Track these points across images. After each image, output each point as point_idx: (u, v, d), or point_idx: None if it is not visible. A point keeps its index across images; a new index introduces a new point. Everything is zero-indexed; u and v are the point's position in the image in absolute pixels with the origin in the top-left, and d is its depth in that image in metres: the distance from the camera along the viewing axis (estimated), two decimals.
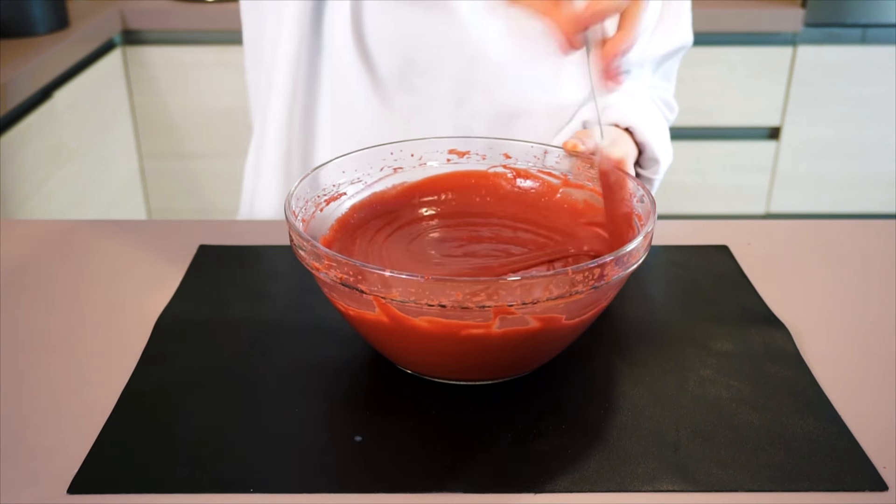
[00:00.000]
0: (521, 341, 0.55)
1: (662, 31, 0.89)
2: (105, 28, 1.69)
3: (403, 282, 0.51)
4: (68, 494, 0.51)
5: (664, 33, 0.89)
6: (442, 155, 0.72)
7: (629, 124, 0.80)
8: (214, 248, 0.79)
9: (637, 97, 0.88)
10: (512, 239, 0.69)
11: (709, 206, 2.00)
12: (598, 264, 0.53)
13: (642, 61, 0.90)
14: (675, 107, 0.97)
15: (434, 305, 0.51)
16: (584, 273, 0.52)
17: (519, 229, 0.70)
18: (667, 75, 0.96)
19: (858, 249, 0.81)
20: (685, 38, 0.91)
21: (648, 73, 0.93)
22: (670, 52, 0.91)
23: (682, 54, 0.95)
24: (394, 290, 0.51)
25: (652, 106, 0.89)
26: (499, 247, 0.68)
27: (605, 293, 0.56)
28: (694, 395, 0.60)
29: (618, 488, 0.52)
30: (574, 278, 0.52)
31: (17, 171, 1.35)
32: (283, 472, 0.53)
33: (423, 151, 0.71)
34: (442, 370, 0.59)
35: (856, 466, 0.53)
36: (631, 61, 0.90)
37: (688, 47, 0.93)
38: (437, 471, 0.53)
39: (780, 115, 1.92)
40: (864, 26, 1.85)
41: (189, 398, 0.59)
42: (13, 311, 0.70)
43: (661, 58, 0.92)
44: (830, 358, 0.64)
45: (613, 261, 0.54)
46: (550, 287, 0.52)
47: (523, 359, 0.59)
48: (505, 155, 0.72)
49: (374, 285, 0.52)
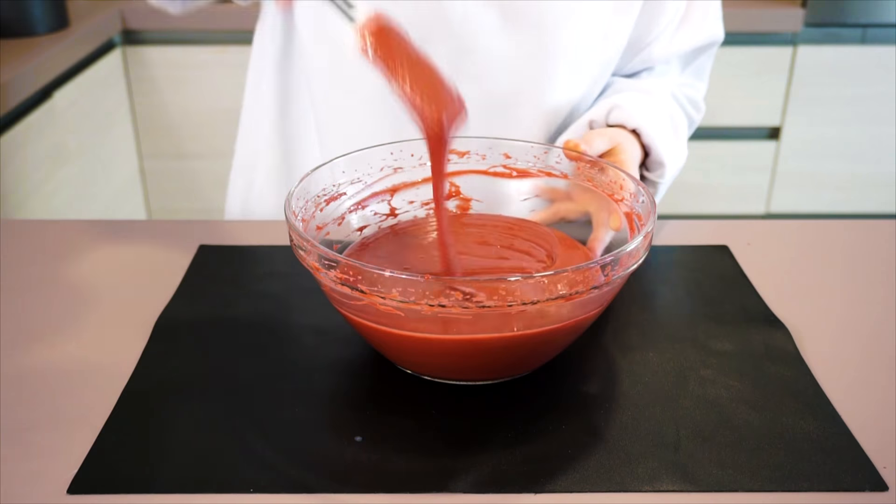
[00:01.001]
0: (521, 342, 0.55)
1: (689, 27, 0.88)
2: (105, 28, 1.69)
3: (403, 282, 0.51)
4: (68, 494, 0.51)
5: (691, 29, 0.88)
6: None
7: (635, 126, 0.79)
8: (214, 248, 0.79)
9: (653, 94, 0.86)
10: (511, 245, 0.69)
11: (709, 206, 2.00)
12: (599, 265, 0.53)
13: (668, 58, 0.89)
14: (702, 107, 0.94)
15: (434, 305, 0.51)
16: (584, 273, 0.52)
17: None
18: (698, 73, 0.94)
19: (858, 249, 0.81)
20: (714, 33, 0.90)
21: (676, 69, 0.92)
22: (698, 47, 0.90)
23: (714, 51, 0.92)
24: (394, 290, 0.51)
25: (667, 105, 0.88)
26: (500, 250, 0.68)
27: (604, 293, 0.56)
28: (694, 395, 0.60)
29: (618, 488, 0.52)
30: (574, 279, 0.52)
31: (17, 171, 1.35)
32: (283, 472, 0.53)
33: (423, 151, 0.71)
34: (442, 370, 0.59)
35: (856, 466, 0.53)
36: (655, 57, 0.88)
37: (718, 43, 0.91)
38: (437, 471, 0.53)
39: (780, 115, 1.92)
40: (864, 26, 1.84)
41: (189, 398, 0.59)
42: (13, 312, 0.70)
43: (690, 54, 0.91)
44: (830, 358, 0.64)
45: (613, 261, 0.54)
46: (551, 287, 0.51)
47: (523, 359, 0.59)
48: (505, 155, 0.72)
49: (374, 286, 0.52)
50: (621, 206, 0.66)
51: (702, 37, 0.89)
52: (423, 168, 0.72)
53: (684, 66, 0.92)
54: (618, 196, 0.66)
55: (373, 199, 0.71)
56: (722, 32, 0.91)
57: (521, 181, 0.73)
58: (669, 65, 0.91)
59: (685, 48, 0.89)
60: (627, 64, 0.90)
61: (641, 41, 0.87)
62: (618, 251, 0.54)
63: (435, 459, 0.54)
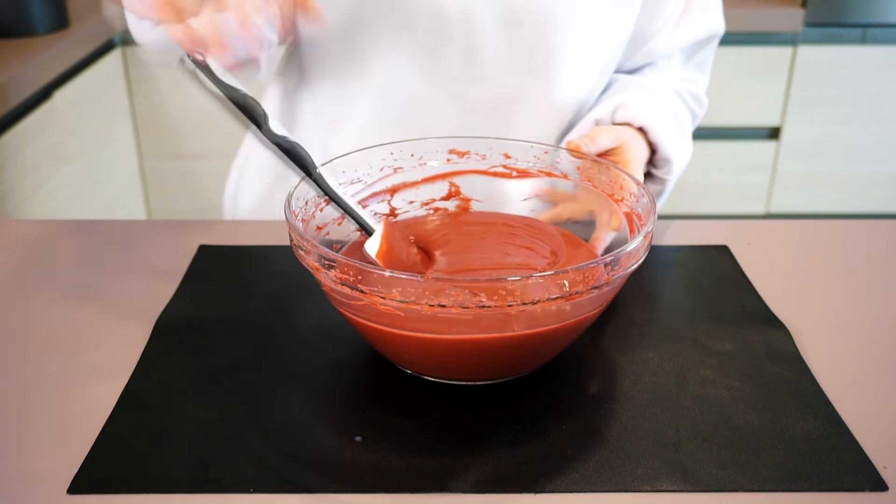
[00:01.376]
0: (521, 342, 0.55)
1: (689, 21, 0.88)
2: (105, 28, 1.69)
3: (403, 282, 0.51)
4: (68, 494, 0.51)
5: (691, 22, 0.88)
6: (442, 155, 0.72)
7: (642, 124, 0.79)
8: (214, 248, 0.79)
9: (658, 92, 0.86)
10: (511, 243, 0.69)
11: (709, 206, 2.00)
12: (599, 264, 0.53)
13: (669, 52, 0.89)
14: (704, 101, 0.94)
15: (434, 305, 0.51)
16: (584, 273, 0.52)
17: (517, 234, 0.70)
18: (700, 67, 0.94)
19: (858, 249, 0.81)
20: (715, 26, 0.89)
21: (678, 64, 0.92)
22: (699, 41, 0.90)
23: (715, 44, 0.92)
24: (394, 290, 0.51)
25: (672, 102, 0.88)
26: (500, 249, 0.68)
27: (605, 293, 0.56)
28: (694, 395, 0.60)
29: (618, 488, 0.52)
30: (574, 278, 0.52)
31: (17, 171, 1.35)
32: (283, 472, 0.53)
33: (423, 151, 0.71)
34: (442, 370, 0.59)
35: (856, 466, 0.53)
36: (657, 52, 0.88)
37: (719, 36, 0.91)
38: (437, 471, 0.53)
39: (780, 115, 1.92)
40: (864, 26, 1.85)
41: (189, 398, 0.59)
42: (13, 311, 0.70)
43: (691, 48, 0.90)
44: (830, 358, 0.64)
45: (613, 261, 0.54)
46: (551, 287, 0.51)
47: (523, 359, 0.59)
48: (505, 155, 0.72)
49: (374, 285, 0.52)
50: (621, 205, 0.66)
51: (703, 30, 0.89)
52: (422, 168, 0.72)
53: (686, 60, 0.92)
54: (618, 196, 0.66)
55: (373, 198, 0.71)
56: (723, 25, 0.90)
57: (521, 181, 0.73)
58: (671, 59, 0.91)
59: (686, 42, 0.89)
60: (630, 59, 0.89)
61: (643, 36, 0.87)
62: (618, 251, 0.54)
63: (435, 459, 0.54)
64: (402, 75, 0.82)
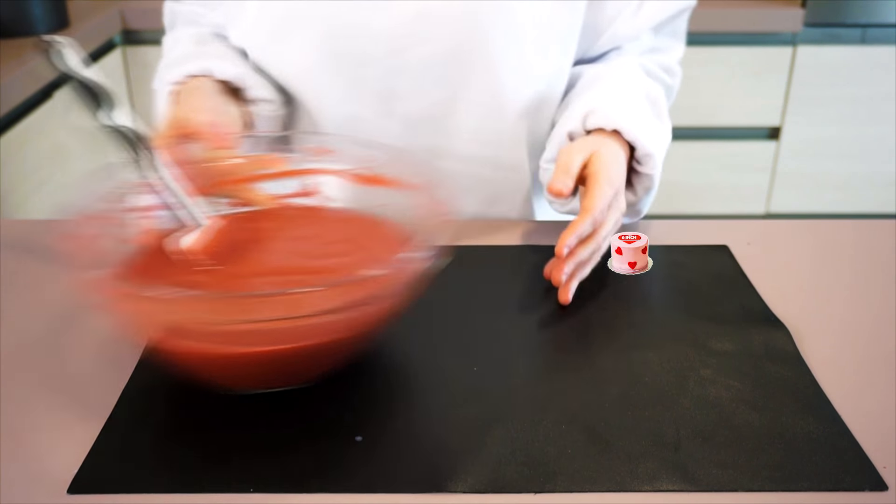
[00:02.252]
0: (295, 353, 0.55)
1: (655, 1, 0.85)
2: (105, 28, 1.69)
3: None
4: (68, 494, 0.51)
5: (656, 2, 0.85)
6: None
7: (615, 127, 0.77)
8: None
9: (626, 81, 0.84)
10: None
11: (709, 206, 2.00)
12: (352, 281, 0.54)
13: (636, 34, 0.86)
14: (677, 71, 0.91)
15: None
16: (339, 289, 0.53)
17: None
18: (674, 34, 0.90)
19: (858, 249, 0.81)
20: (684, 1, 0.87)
21: (648, 35, 0.88)
22: (669, 17, 0.87)
23: (688, 15, 0.89)
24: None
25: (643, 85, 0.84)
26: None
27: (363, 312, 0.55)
28: (694, 395, 0.60)
29: (618, 488, 0.52)
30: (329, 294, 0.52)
31: (17, 171, 1.35)
32: (284, 472, 0.53)
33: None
34: (243, 382, 0.59)
35: (856, 466, 0.53)
36: (622, 36, 0.86)
37: (691, 7, 0.88)
38: (437, 471, 0.53)
39: (780, 115, 1.92)
40: (864, 26, 1.84)
41: (189, 398, 0.59)
42: (13, 311, 0.70)
43: (660, 25, 0.88)
44: (830, 358, 0.64)
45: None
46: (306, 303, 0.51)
47: (308, 367, 0.58)
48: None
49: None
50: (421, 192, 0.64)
51: (671, 8, 0.86)
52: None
53: (656, 33, 0.89)
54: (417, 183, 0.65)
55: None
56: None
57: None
58: (639, 40, 0.88)
59: (653, 21, 0.86)
60: (593, 46, 0.87)
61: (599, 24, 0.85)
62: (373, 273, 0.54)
63: (435, 459, 0.54)
64: (331, 99, 0.83)
